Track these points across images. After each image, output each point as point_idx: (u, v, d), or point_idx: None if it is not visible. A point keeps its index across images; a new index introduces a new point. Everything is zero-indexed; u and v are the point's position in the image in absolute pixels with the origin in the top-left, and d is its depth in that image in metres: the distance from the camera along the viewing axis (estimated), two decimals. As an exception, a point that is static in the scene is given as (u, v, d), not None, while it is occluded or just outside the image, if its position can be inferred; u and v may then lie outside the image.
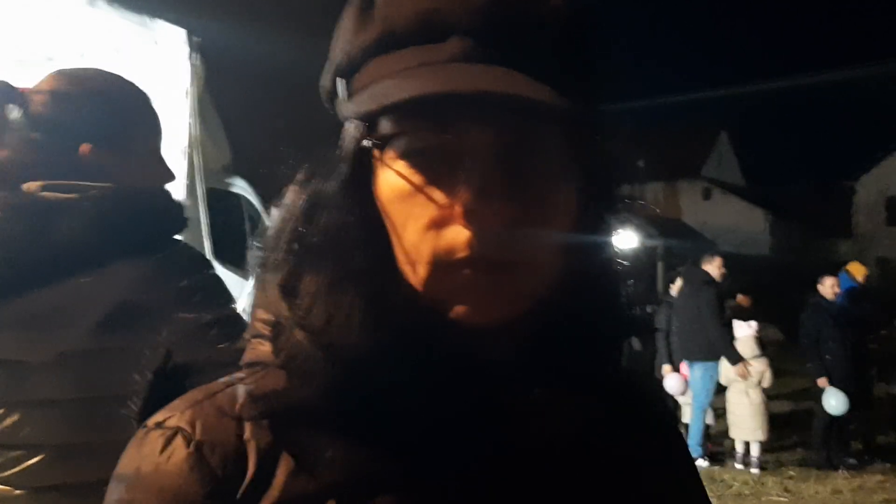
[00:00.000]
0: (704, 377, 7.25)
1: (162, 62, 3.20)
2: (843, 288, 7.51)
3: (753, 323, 7.54)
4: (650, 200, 29.47)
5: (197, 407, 0.59)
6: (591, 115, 0.61)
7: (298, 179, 0.64)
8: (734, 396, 7.39)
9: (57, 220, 1.22)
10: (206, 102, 3.66)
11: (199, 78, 3.37)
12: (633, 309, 0.68)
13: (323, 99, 0.68)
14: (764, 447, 7.40)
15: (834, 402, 6.98)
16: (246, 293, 0.72)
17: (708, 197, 34.25)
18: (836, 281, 7.40)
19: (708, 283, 7.29)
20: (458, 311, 0.57)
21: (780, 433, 7.91)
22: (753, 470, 7.20)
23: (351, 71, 0.62)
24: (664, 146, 29.09)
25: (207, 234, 4.58)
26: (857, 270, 7.89)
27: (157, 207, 1.35)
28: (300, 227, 0.62)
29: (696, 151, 34.57)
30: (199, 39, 3.30)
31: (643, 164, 21.41)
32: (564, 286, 0.61)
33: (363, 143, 0.59)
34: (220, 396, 0.60)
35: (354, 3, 0.63)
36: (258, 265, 0.65)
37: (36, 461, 1.23)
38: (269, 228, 0.65)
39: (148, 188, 1.37)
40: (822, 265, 9.51)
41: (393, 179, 0.58)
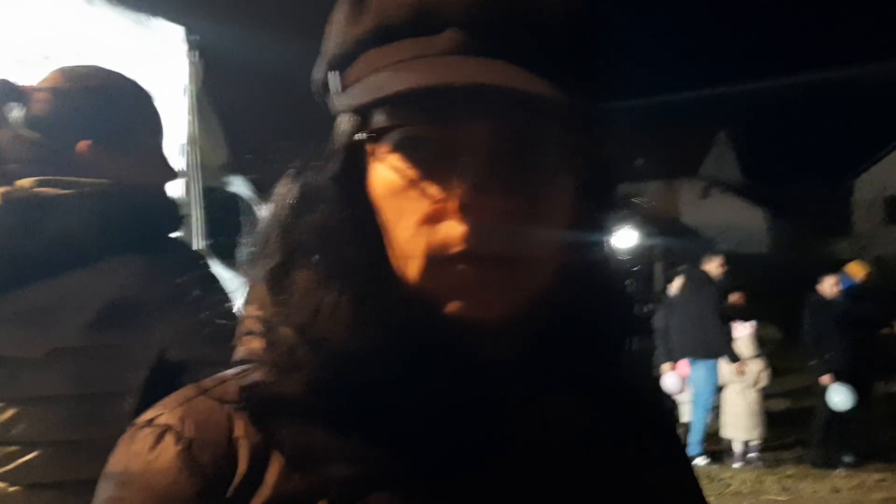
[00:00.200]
0: (708, 376, 7.25)
1: (160, 60, 3.19)
2: (843, 288, 7.51)
3: (750, 323, 7.55)
4: (649, 199, 29.42)
5: (187, 404, 0.59)
6: (587, 108, 0.61)
7: (289, 174, 0.63)
8: (731, 396, 7.39)
9: (51, 216, 1.21)
10: (204, 101, 3.65)
11: (197, 76, 3.36)
12: (631, 307, 0.68)
13: (315, 92, 0.67)
14: (762, 446, 7.40)
15: (839, 398, 6.96)
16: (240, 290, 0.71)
17: (706, 196, 34.19)
18: (836, 280, 7.40)
19: (708, 281, 7.29)
20: (452, 306, 0.56)
21: (778, 432, 7.91)
22: (756, 463, 7.22)
23: (344, 64, 0.61)
24: (662, 145, 29.06)
25: (203, 231, 4.57)
26: (856, 270, 7.89)
27: (152, 205, 1.35)
28: (290, 222, 0.61)
29: (694, 150, 34.51)
30: (197, 37, 3.30)
31: (641, 162, 21.41)
32: (561, 282, 0.61)
33: (356, 136, 0.58)
34: (210, 394, 0.60)
35: None
36: (248, 261, 0.65)
37: (31, 458, 1.23)
38: (259, 224, 0.64)
39: (143, 185, 1.37)
40: (821, 264, 9.49)
41: (386, 173, 0.57)
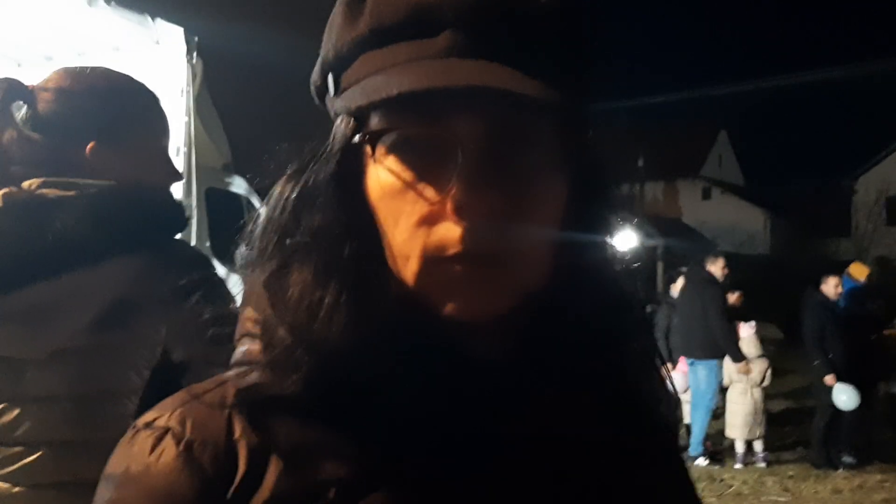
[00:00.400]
0: (709, 376, 7.25)
1: (161, 61, 3.20)
2: (845, 289, 7.50)
3: (752, 322, 7.55)
4: (650, 199, 29.46)
5: (187, 406, 0.59)
6: (582, 109, 0.61)
7: (287, 175, 0.63)
8: (735, 396, 7.39)
9: (55, 216, 1.21)
10: (205, 101, 3.66)
11: (197, 77, 3.36)
12: (629, 306, 0.68)
13: (314, 94, 0.68)
14: (764, 445, 7.40)
15: (845, 396, 6.92)
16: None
17: (707, 196, 34.21)
18: (838, 280, 7.36)
19: (711, 282, 7.30)
20: (449, 306, 0.57)
21: (779, 432, 7.91)
22: (760, 464, 7.23)
23: (341, 66, 0.61)
24: (663, 145, 29.07)
25: (204, 232, 4.57)
26: (859, 272, 7.88)
27: (155, 206, 1.35)
28: (287, 223, 0.61)
29: (695, 151, 34.55)
30: (197, 39, 3.30)
31: (643, 162, 21.40)
32: (556, 282, 0.61)
33: (354, 138, 0.59)
34: (209, 395, 0.60)
35: None
36: (245, 262, 0.65)
37: (34, 458, 1.23)
38: (256, 224, 0.64)
39: (147, 186, 1.37)
40: (821, 264, 9.49)
41: (383, 175, 0.58)
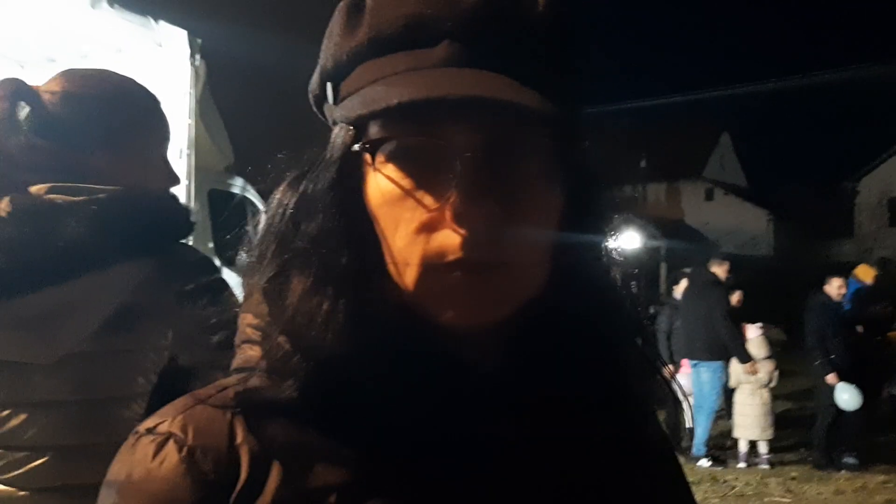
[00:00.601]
0: (713, 378, 7.24)
1: (164, 64, 3.20)
2: (851, 291, 7.47)
3: (759, 324, 7.55)
4: (652, 201, 29.45)
5: (188, 412, 0.59)
6: (577, 117, 0.62)
7: (286, 182, 0.64)
8: (743, 397, 7.39)
9: (63, 222, 1.21)
10: (208, 104, 3.67)
11: (200, 79, 3.37)
12: (627, 310, 0.68)
13: (311, 102, 0.68)
14: (769, 447, 7.40)
15: (847, 395, 6.88)
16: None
17: (710, 198, 34.18)
18: (843, 282, 7.32)
19: (716, 283, 7.29)
20: (447, 313, 0.57)
21: (782, 434, 7.90)
22: (763, 466, 7.23)
23: (340, 75, 0.62)
24: (666, 147, 29.05)
25: (206, 233, 4.57)
26: (865, 273, 7.86)
27: (163, 211, 1.35)
28: (286, 230, 0.61)
29: (697, 152, 34.51)
30: (200, 41, 3.31)
31: (645, 164, 21.41)
32: (554, 289, 0.61)
33: (353, 147, 0.59)
34: (211, 401, 0.60)
35: (343, 8, 0.63)
36: (245, 269, 0.65)
37: (40, 462, 1.23)
38: (256, 231, 0.65)
39: (155, 192, 1.37)
40: (824, 266, 9.47)
41: (382, 183, 0.58)
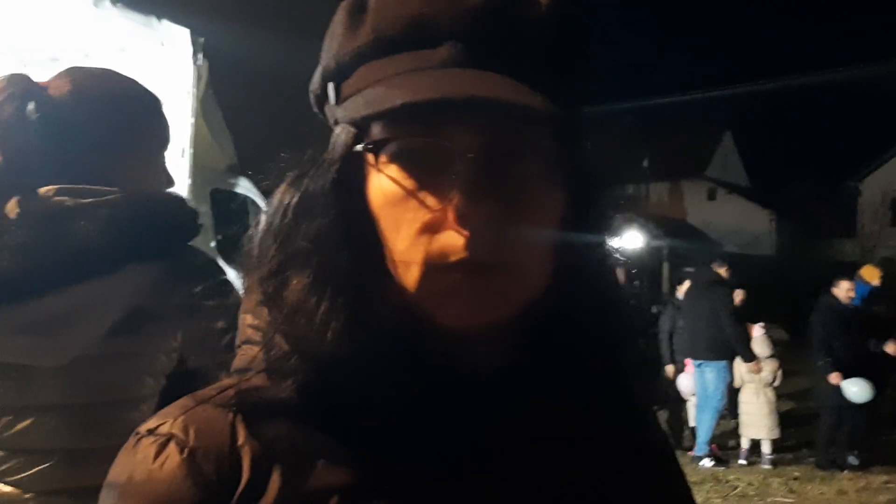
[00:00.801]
0: (718, 378, 7.23)
1: (167, 63, 3.20)
2: (858, 292, 7.44)
3: (761, 323, 7.55)
4: (654, 200, 29.43)
5: (189, 413, 0.59)
6: (579, 118, 0.62)
7: (287, 182, 0.63)
8: (748, 396, 7.40)
9: (74, 225, 1.20)
10: (211, 103, 3.66)
11: (202, 78, 3.37)
12: (628, 311, 0.68)
13: (312, 102, 0.68)
14: (772, 447, 7.40)
15: (856, 388, 6.84)
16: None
17: (712, 197, 34.14)
18: (851, 285, 7.28)
19: (720, 283, 7.29)
20: (449, 314, 0.57)
21: (785, 434, 7.89)
22: (765, 466, 7.22)
23: (342, 75, 0.62)
24: (668, 146, 29.02)
25: (209, 233, 4.57)
26: (871, 274, 7.84)
27: (172, 213, 1.34)
28: (286, 230, 0.61)
29: (700, 152, 34.47)
30: (203, 40, 3.31)
31: (647, 164, 21.39)
32: (555, 289, 0.61)
33: (355, 148, 0.59)
34: (212, 402, 0.60)
35: (345, 7, 0.63)
36: (244, 270, 0.64)
37: (47, 465, 1.22)
38: (256, 231, 0.64)
39: (163, 194, 1.36)
40: (827, 266, 9.46)
41: (385, 183, 0.58)
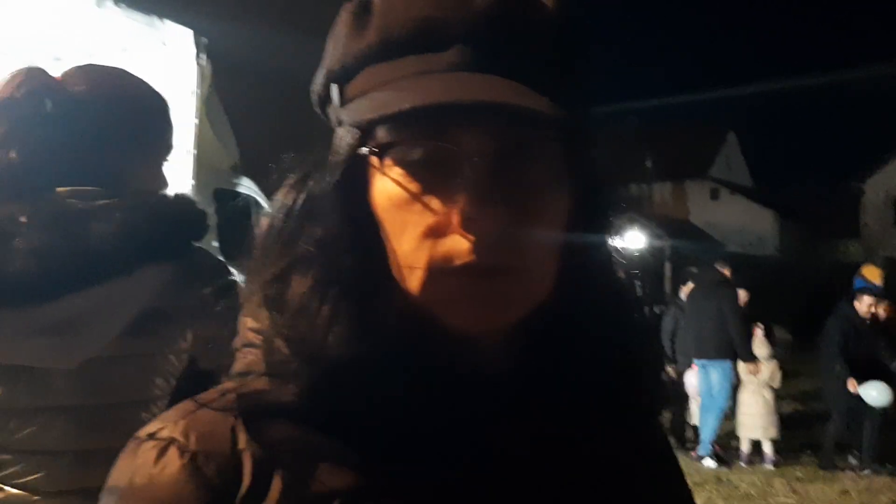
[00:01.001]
0: (723, 377, 7.22)
1: (170, 63, 3.20)
2: (858, 288, 7.42)
3: (759, 324, 7.55)
4: (658, 201, 29.42)
5: (190, 417, 0.58)
6: (585, 123, 0.61)
7: (289, 184, 0.63)
8: (747, 396, 7.39)
9: (86, 227, 1.19)
10: (214, 103, 3.67)
11: (206, 78, 3.37)
12: (633, 313, 0.67)
13: (314, 103, 0.67)
14: (773, 448, 7.39)
15: (875, 392, 6.83)
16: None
17: (716, 197, 34.14)
18: (874, 301, 7.23)
19: (725, 282, 7.28)
20: (454, 318, 0.57)
21: (787, 434, 7.88)
22: (767, 466, 7.21)
23: (346, 77, 0.61)
24: (672, 146, 29.04)
25: (212, 232, 4.55)
26: (873, 274, 7.83)
27: (182, 214, 1.34)
28: (289, 232, 0.61)
29: (703, 152, 34.47)
30: (206, 40, 3.31)
31: (651, 164, 21.36)
32: (561, 293, 0.61)
33: (360, 150, 0.58)
34: (213, 406, 0.59)
35: (349, 8, 0.62)
36: (245, 272, 0.64)
37: (58, 466, 1.22)
38: (257, 233, 0.63)
39: (173, 195, 1.36)
40: (830, 266, 9.46)
41: (389, 186, 0.57)
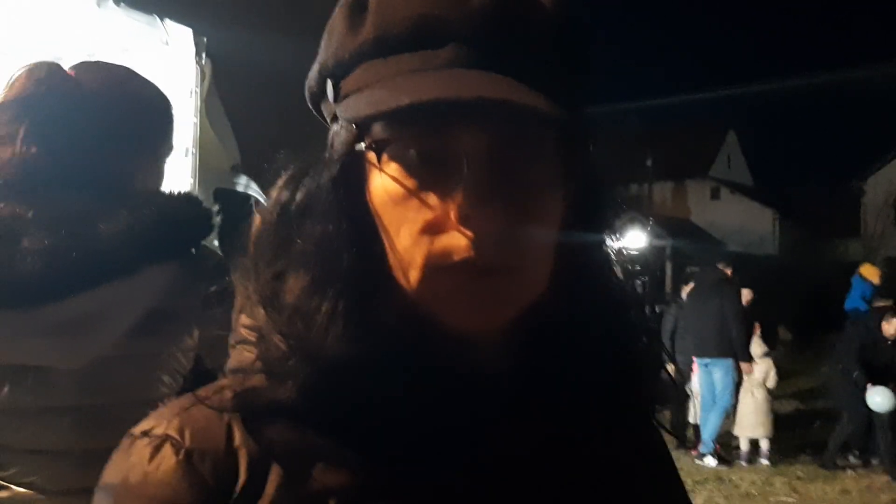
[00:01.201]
0: (726, 376, 7.23)
1: (170, 63, 3.20)
2: (858, 291, 7.41)
3: (756, 323, 7.56)
4: (658, 200, 29.40)
5: (185, 414, 0.58)
6: (584, 120, 0.62)
7: (283, 181, 0.63)
8: (742, 395, 7.40)
9: (94, 226, 1.19)
10: (214, 103, 3.66)
11: (206, 78, 3.37)
12: (631, 311, 0.67)
13: (307, 98, 0.67)
14: (772, 447, 7.38)
15: (880, 398, 6.84)
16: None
17: (716, 197, 34.08)
18: None
19: (727, 281, 7.28)
20: (452, 315, 0.57)
21: (788, 433, 7.88)
22: (763, 461, 7.20)
23: (342, 73, 0.61)
24: (672, 146, 29.01)
25: (213, 234, 4.54)
26: (871, 273, 7.83)
27: (187, 213, 1.33)
28: (283, 229, 0.60)
29: (704, 151, 34.41)
30: (206, 40, 3.30)
31: (651, 163, 21.35)
32: (559, 291, 0.61)
33: (357, 147, 0.58)
34: (208, 403, 0.59)
35: (345, 5, 0.62)
36: (240, 269, 0.63)
37: (62, 466, 1.22)
38: (251, 230, 0.63)
39: (178, 194, 1.36)
40: (830, 265, 9.46)
41: (387, 183, 0.57)
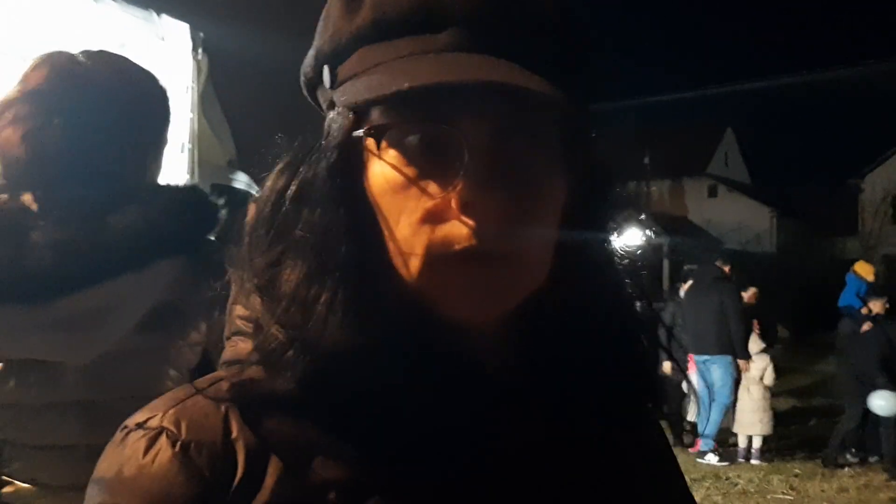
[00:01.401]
0: (725, 373, 7.25)
1: (167, 58, 3.19)
2: (853, 289, 7.43)
3: (754, 321, 7.57)
4: (656, 197, 29.42)
5: (181, 406, 0.57)
6: (584, 107, 0.61)
7: (277, 169, 0.62)
8: (741, 392, 7.41)
9: (103, 220, 1.18)
10: (210, 98, 3.65)
11: (202, 73, 3.36)
12: (633, 303, 0.67)
13: (303, 85, 0.66)
14: (769, 445, 7.40)
15: (883, 402, 6.82)
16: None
17: (714, 194, 34.15)
18: None
19: (726, 279, 7.30)
20: (452, 304, 0.56)
21: (785, 430, 7.90)
22: (754, 461, 7.21)
23: (338, 59, 0.60)
24: (670, 143, 29.03)
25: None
26: (865, 271, 7.86)
27: (195, 206, 1.33)
28: (279, 218, 0.59)
29: (701, 149, 34.46)
30: (202, 35, 3.30)
31: (649, 161, 21.35)
32: (560, 281, 0.60)
33: (355, 133, 0.57)
34: (204, 394, 0.58)
35: None
36: (235, 259, 0.62)
37: (69, 461, 1.21)
38: (247, 220, 0.62)
39: (185, 187, 1.36)
40: (828, 263, 9.48)
41: (385, 170, 0.56)
